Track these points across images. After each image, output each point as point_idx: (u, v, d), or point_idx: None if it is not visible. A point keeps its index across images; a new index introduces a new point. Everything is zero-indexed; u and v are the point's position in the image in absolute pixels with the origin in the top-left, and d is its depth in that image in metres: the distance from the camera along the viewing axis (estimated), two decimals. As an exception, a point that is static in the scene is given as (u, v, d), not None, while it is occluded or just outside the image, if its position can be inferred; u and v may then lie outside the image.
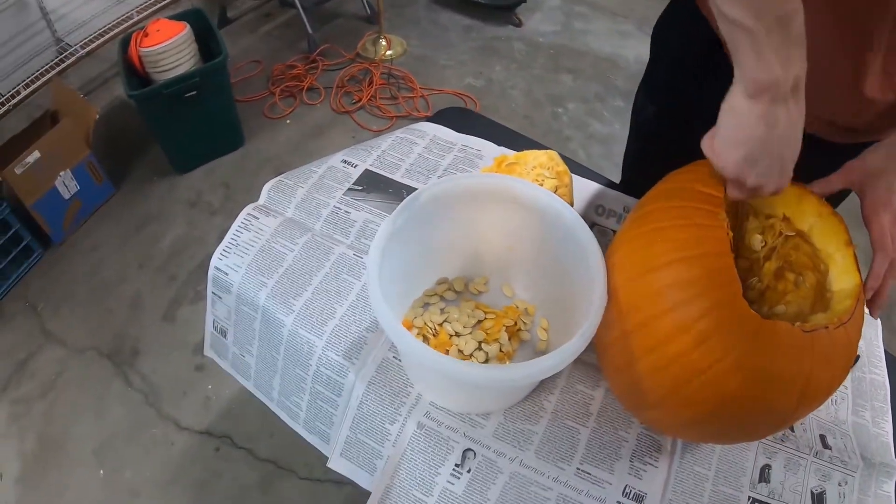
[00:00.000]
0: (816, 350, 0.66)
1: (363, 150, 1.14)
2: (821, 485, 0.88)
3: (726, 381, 0.65)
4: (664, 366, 0.69)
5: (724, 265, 0.67)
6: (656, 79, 1.15)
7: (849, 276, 0.77)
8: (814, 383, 0.67)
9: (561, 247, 0.80)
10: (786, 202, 0.82)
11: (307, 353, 0.88)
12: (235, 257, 0.96)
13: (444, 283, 0.92)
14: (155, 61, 2.26)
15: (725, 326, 0.65)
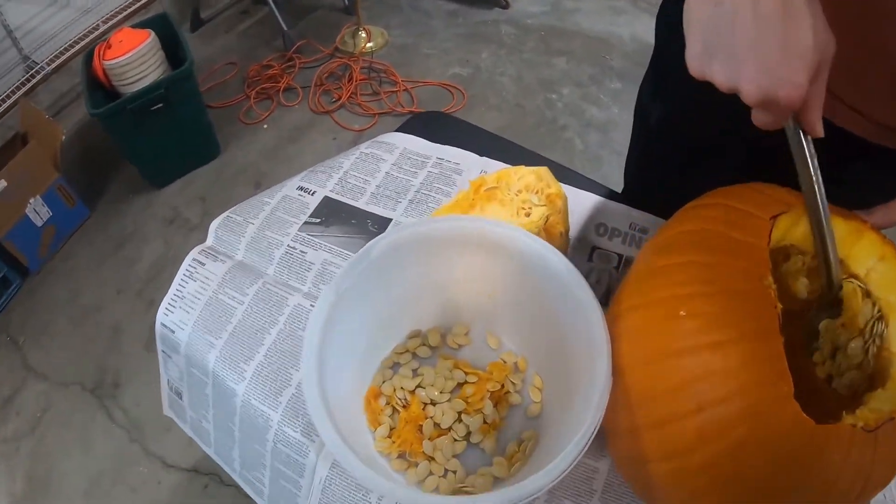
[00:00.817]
0: (880, 447, 0.54)
1: (323, 172, 1.00)
2: None
3: (763, 496, 0.53)
4: (687, 475, 0.56)
5: (770, 353, 0.52)
6: (665, 71, 0.98)
7: None
8: (875, 480, 0.55)
9: (550, 296, 0.68)
10: (841, 240, 0.64)
11: (263, 426, 0.76)
12: (181, 312, 0.85)
13: (416, 337, 0.79)
14: (120, 74, 2.17)
15: (769, 436, 0.51)
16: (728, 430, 0.51)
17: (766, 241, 0.57)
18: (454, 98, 2.85)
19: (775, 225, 0.59)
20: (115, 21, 2.72)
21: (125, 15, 2.76)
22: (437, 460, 0.69)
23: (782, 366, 0.51)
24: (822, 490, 0.52)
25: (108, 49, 2.16)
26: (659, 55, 0.98)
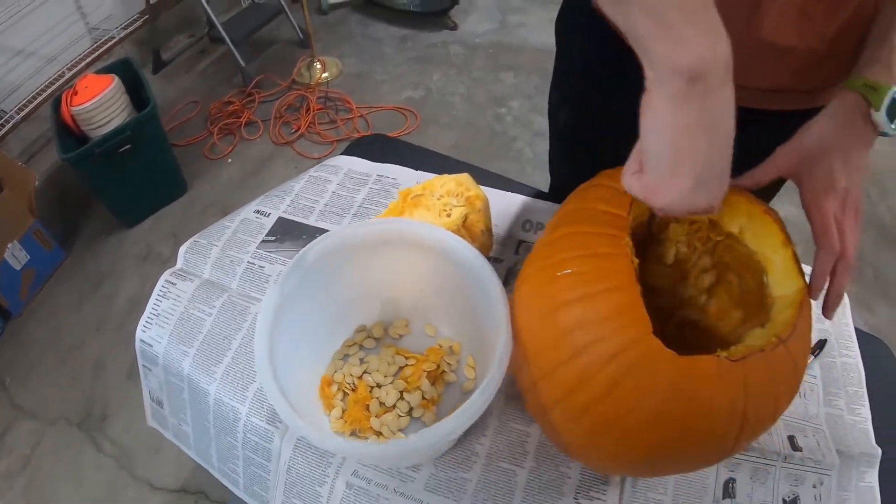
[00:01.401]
0: (751, 379, 0.58)
1: (276, 196, 1.11)
2: (793, 491, 0.83)
3: (647, 430, 0.58)
4: (576, 417, 0.62)
5: (629, 300, 0.59)
6: (566, 73, 1.07)
7: (789, 280, 0.69)
8: (754, 413, 0.59)
9: (467, 285, 0.77)
10: None
11: (233, 420, 0.86)
12: (157, 328, 0.94)
13: (362, 332, 0.89)
14: (87, 119, 2.24)
15: (636, 370, 0.57)
16: (600, 370, 0.58)
17: (627, 210, 0.65)
18: (408, 120, 2.94)
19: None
20: (80, 68, 2.77)
21: (88, 61, 2.81)
22: (384, 434, 0.79)
23: (640, 308, 0.58)
24: (700, 424, 0.57)
25: (74, 95, 2.23)
26: (560, 62, 1.07)
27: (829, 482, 0.84)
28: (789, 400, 0.64)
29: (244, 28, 3.13)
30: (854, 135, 0.71)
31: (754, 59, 0.82)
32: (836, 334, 1.02)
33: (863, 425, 0.91)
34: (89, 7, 2.87)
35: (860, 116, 0.71)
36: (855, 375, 0.97)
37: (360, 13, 3.73)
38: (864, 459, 0.87)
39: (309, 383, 0.82)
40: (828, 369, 0.97)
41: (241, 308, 0.94)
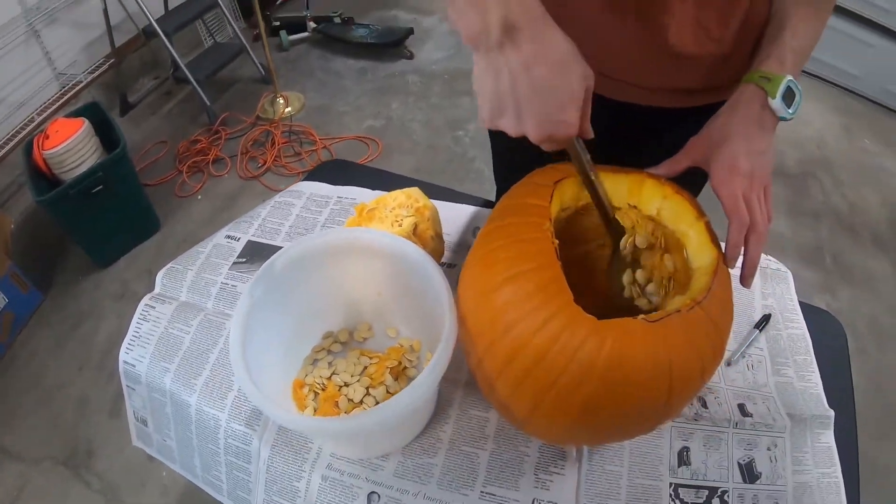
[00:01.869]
0: (670, 339, 0.64)
1: (245, 221, 1.18)
2: (748, 454, 0.88)
3: (579, 390, 0.63)
4: (517, 384, 0.68)
5: (551, 276, 0.66)
6: None
7: (705, 250, 0.76)
8: (679, 371, 0.65)
9: (418, 285, 0.83)
10: (628, 191, 0.82)
11: (214, 427, 0.91)
12: (139, 349, 0.99)
13: (329, 337, 0.96)
14: (59, 162, 2.28)
15: (562, 336, 0.63)
16: (530, 339, 0.64)
17: (548, 200, 0.74)
18: (370, 149, 3.01)
19: (559, 188, 0.77)
20: (49, 112, 2.81)
21: (58, 106, 2.86)
22: (353, 428, 0.86)
23: (561, 282, 0.66)
24: (627, 380, 0.63)
25: (46, 139, 2.26)
26: None
27: (782, 444, 0.90)
28: (715, 357, 0.70)
29: (207, 68, 3.18)
30: (754, 123, 0.80)
31: (664, 63, 0.92)
32: (780, 308, 1.09)
33: (814, 390, 0.98)
34: (56, 53, 2.92)
35: (759, 106, 0.80)
36: (802, 345, 1.04)
37: (319, 48, 3.81)
38: (818, 421, 0.93)
39: (283, 386, 0.89)
40: (774, 341, 1.04)
41: (217, 324, 1.00)
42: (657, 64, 0.93)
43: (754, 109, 0.80)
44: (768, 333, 1.05)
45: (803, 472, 0.89)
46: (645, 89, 0.98)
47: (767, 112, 0.80)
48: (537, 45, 0.63)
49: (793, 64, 0.82)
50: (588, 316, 0.64)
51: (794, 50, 0.82)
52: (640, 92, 0.98)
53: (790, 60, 0.82)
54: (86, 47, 3.10)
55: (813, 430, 0.92)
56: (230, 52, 3.33)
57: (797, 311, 1.10)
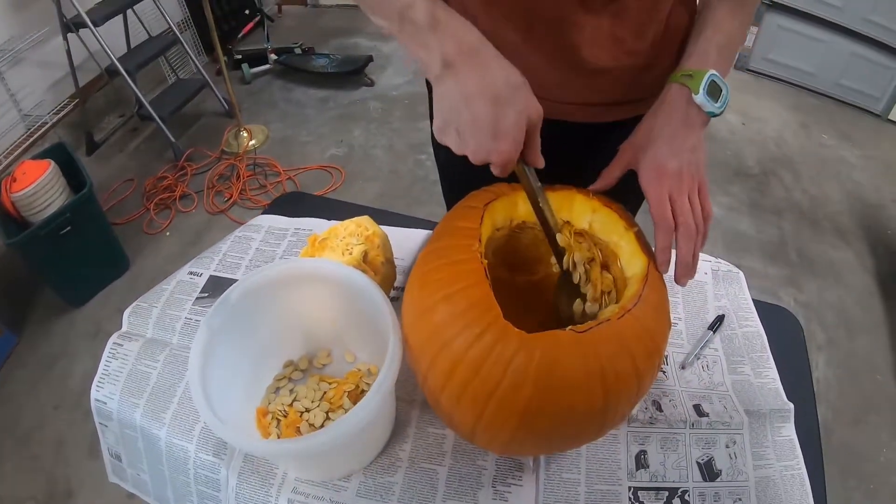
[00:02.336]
0: (601, 347, 0.67)
1: (207, 257, 1.21)
2: (706, 453, 0.90)
3: (515, 399, 0.66)
4: (459, 397, 0.70)
5: (481, 293, 0.69)
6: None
7: (636, 259, 0.79)
8: (613, 377, 0.67)
9: (369, 310, 0.85)
10: (559, 207, 0.84)
11: (183, 459, 0.92)
12: (110, 386, 1.01)
13: (290, 366, 0.98)
14: (27, 204, 2.28)
15: (494, 349, 0.66)
16: (465, 353, 0.67)
17: (479, 222, 0.77)
18: (333, 177, 3.05)
19: (489, 209, 0.80)
20: (16, 154, 2.82)
21: (24, 148, 2.87)
22: (315, 450, 0.88)
23: (491, 299, 0.69)
24: (561, 386, 0.66)
25: (13, 182, 2.27)
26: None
27: (741, 440, 0.91)
28: (652, 360, 0.72)
29: (171, 104, 3.20)
30: (679, 121, 0.82)
31: (582, 79, 0.96)
32: (734, 308, 1.12)
33: (771, 385, 1.00)
34: (21, 94, 2.92)
35: (684, 103, 0.82)
36: (758, 342, 1.07)
37: (281, 79, 3.84)
38: (777, 415, 0.95)
39: (246, 416, 0.91)
40: (729, 341, 1.06)
41: (182, 359, 1.02)
42: (576, 80, 0.97)
43: (679, 108, 0.82)
44: (723, 333, 1.07)
45: (765, 466, 0.90)
46: (570, 105, 1.01)
47: (693, 109, 0.82)
48: (477, 78, 0.69)
49: (717, 59, 0.84)
50: (517, 330, 0.67)
51: (718, 45, 0.85)
52: (567, 108, 1.01)
53: (714, 55, 0.84)
54: (50, 87, 3.12)
55: (773, 425, 0.94)
56: (193, 88, 3.36)
57: (751, 310, 1.12)
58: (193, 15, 3.87)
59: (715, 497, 0.87)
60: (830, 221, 3.06)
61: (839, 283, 2.74)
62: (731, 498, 0.87)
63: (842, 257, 2.87)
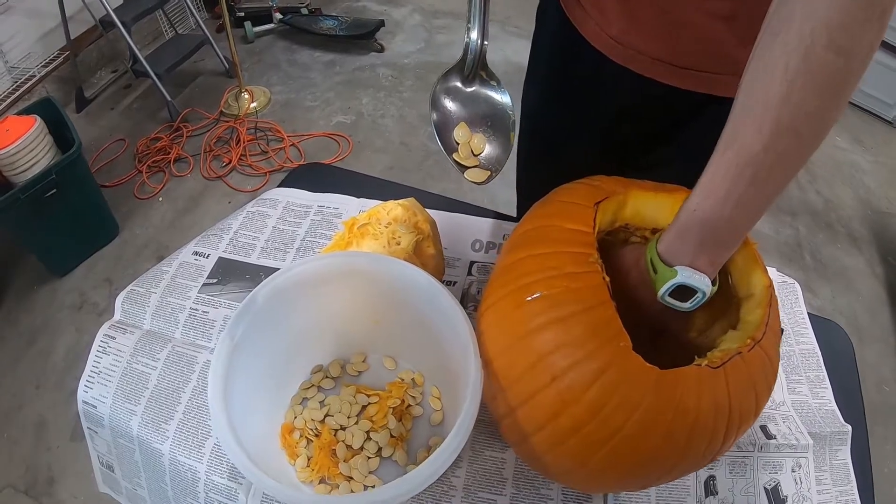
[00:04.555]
0: (732, 381, 0.60)
1: (214, 235, 1.07)
2: (773, 478, 0.85)
3: (637, 446, 0.58)
4: (561, 441, 0.61)
5: (605, 317, 0.59)
6: (536, 59, 1.12)
7: (754, 278, 0.69)
8: (738, 413, 0.61)
9: (426, 312, 0.75)
10: (671, 212, 0.70)
11: (192, 480, 0.81)
12: (100, 387, 0.89)
13: (319, 372, 0.86)
14: (10, 163, 2.15)
15: (620, 389, 0.57)
16: (582, 392, 0.58)
17: (592, 225, 0.65)
18: (340, 146, 2.93)
19: (599, 210, 0.68)
20: (1, 108, 2.70)
21: (8, 103, 2.75)
22: (355, 479, 0.76)
23: (617, 326, 0.58)
24: (689, 433, 0.58)
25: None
26: (533, 50, 1.13)
27: (806, 464, 0.87)
28: (769, 394, 0.65)
29: (168, 60, 3.08)
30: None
31: (664, 29, 0.85)
32: (791, 323, 1.04)
33: (828, 406, 0.95)
34: (8, 45, 2.82)
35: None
36: (814, 360, 1.00)
37: (285, 40, 3.72)
38: (837, 438, 0.90)
39: (269, 432, 0.79)
40: (787, 358, 0.99)
41: (189, 358, 0.89)
42: (661, 31, 0.86)
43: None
44: (782, 350, 0.98)
45: (824, 491, 0.86)
46: (658, 62, 0.91)
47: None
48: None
49: (698, 243, 0.63)
50: (649, 366, 0.57)
51: (702, 221, 0.61)
52: (655, 65, 0.91)
53: (695, 236, 0.63)
54: (40, 39, 3.00)
55: (832, 448, 0.90)
56: (192, 45, 3.23)
57: (807, 325, 1.05)
58: (195, -33, 3.74)
59: None
60: (843, 226, 3.08)
61: (850, 290, 2.75)
62: None
63: (853, 263, 2.88)
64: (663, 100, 0.92)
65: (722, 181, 0.59)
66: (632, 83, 0.92)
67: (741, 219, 0.61)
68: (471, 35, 0.85)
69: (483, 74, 0.88)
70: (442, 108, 0.87)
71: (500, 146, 0.86)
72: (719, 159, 0.59)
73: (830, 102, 0.55)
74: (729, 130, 0.59)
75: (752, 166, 0.57)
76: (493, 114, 0.88)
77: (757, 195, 0.59)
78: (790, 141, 0.56)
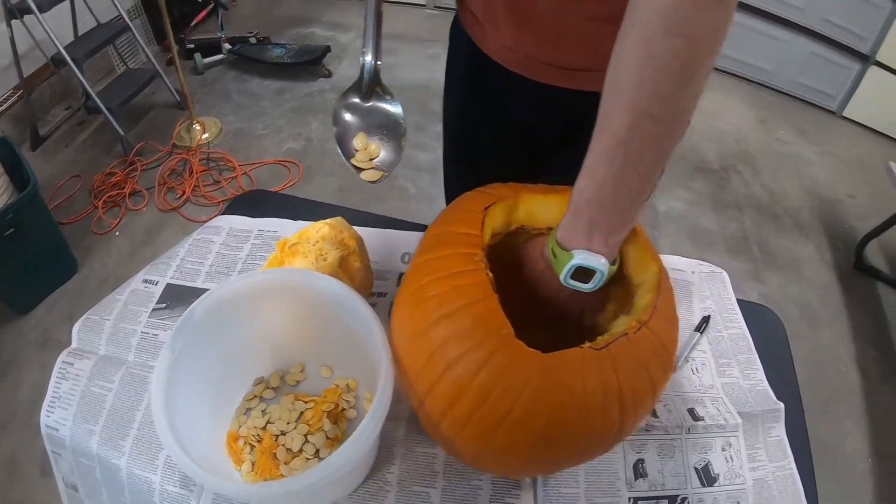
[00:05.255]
0: (619, 362, 0.63)
1: (163, 263, 1.12)
2: (703, 458, 0.89)
3: (530, 426, 0.62)
4: (462, 427, 0.65)
5: (488, 309, 0.63)
6: (450, 75, 1.22)
7: (646, 264, 0.74)
8: (630, 392, 0.64)
9: (350, 322, 0.79)
10: (560, 211, 0.74)
11: (148, 491, 0.85)
12: (61, 411, 0.94)
13: (261, 384, 0.91)
14: None
15: (506, 374, 0.61)
16: (472, 379, 0.62)
17: (480, 228, 0.71)
18: (291, 172, 2.97)
19: (490, 214, 0.74)
20: None
21: None
22: (296, 479, 0.82)
23: (500, 316, 0.63)
24: (578, 410, 0.61)
25: None
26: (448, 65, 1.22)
27: (736, 443, 0.91)
28: (665, 373, 0.69)
29: (120, 95, 3.09)
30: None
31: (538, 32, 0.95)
32: (719, 309, 1.10)
33: (760, 387, 0.99)
34: None
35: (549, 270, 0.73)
36: (744, 344, 1.05)
37: (235, 70, 3.75)
38: (769, 415, 0.95)
39: (216, 441, 0.84)
40: (716, 343, 1.05)
41: (141, 378, 0.94)
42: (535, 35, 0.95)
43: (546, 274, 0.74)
44: (710, 335, 1.06)
45: (759, 468, 0.90)
46: (544, 65, 0.99)
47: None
48: None
49: (588, 226, 0.67)
50: (532, 351, 0.62)
51: (588, 201, 0.66)
52: (541, 68, 1.00)
53: (586, 217, 0.67)
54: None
55: (764, 425, 0.94)
56: (143, 78, 3.25)
57: (736, 311, 1.11)
58: (144, 1, 3.75)
59: (714, 502, 0.86)
60: (790, 216, 3.14)
61: (801, 277, 2.81)
62: (729, 502, 0.86)
63: (802, 251, 2.95)
64: (562, 102, 1.00)
65: (599, 164, 0.64)
66: (533, 91, 1.01)
67: (623, 199, 0.65)
68: (366, 57, 0.97)
69: (378, 90, 0.98)
70: (342, 121, 0.97)
71: (393, 151, 0.98)
72: (596, 144, 0.64)
73: (683, 85, 0.59)
74: (601, 117, 0.63)
75: (622, 148, 0.62)
76: (387, 124, 0.98)
77: (632, 176, 0.63)
78: (650, 124, 0.60)
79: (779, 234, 3.01)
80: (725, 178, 3.31)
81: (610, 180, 0.64)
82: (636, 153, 0.62)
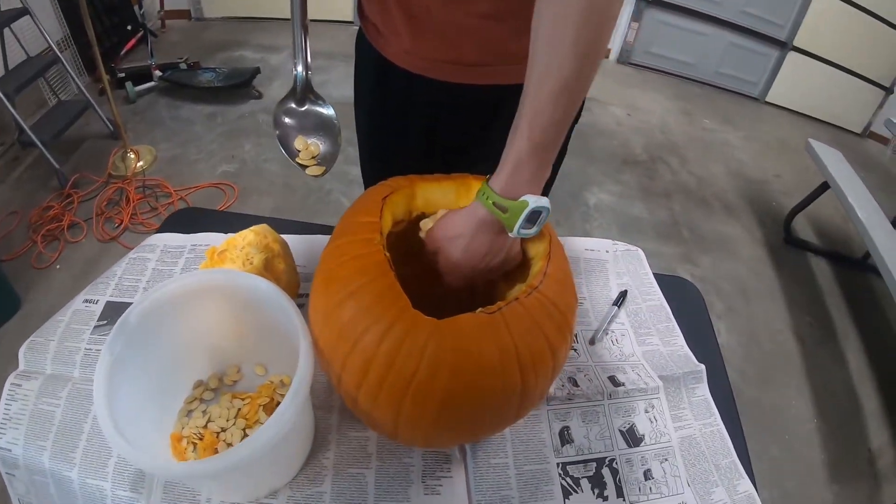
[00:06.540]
0: (513, 324, 0.68)
1: (102, 283, 1.16)
2: (627, 420, 0.94)
3: (433, 388, 0.66)
4: (375, 396, 0.70)
5: (387, 285, 0.69)
6: (359, 84, 1.30)
7: (537, 238, 0.81)
8: (528, 354, 0.69)
9: (276, 319, 0.82)
10: (456, 195, 0.86)
11: (100, 498, 0.88)
12: (13, 431, 0.95)
13: (200, 386, 0.95)
14: None
15: (405, 340, 0.66)
16: (377, 349, 0.67)
17: (378, 215, 0.77)
18: (226, 194, 2.99)
19: (389, 202, 0.81)
20: None
21: None
22: (236, 472, 0.85)
23: (397, 290, 0.70)
24: (477, 370, 0.66)
25: None
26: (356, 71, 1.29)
27: (659, 404, 0.97)
28: (563, 335, 0.74)
29: (54, 128, 3.08)
30: (475, 229, 0.79)
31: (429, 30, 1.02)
32: (636, 284, 1.17)
33: (681, 352, 1.06)
34: None
35: (488, 220, 0.78)
36: (663, 314, 1.12)
37: (167, 97, 3.75)
38: (691, 377, 1.02)
39: (160, 443, 0.87)
40: (634, 315, 1.11)
41: (87, 393, 0.98)
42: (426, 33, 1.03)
43: (483, 224, 0.79)
44: (628, 308, 1.12)
45: (685, 426, 0.96)
46: (441, 62, 1.07)
47: (503, 236, 0.79)
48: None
49: (534, 170, 0.75)
50: (427, 318, 0.68)
51: (534, 145, 0.73)
52: (441, 67, 1.08)
53: (531, 166, 0.75)
54: None
55: (687, 386, 1.00)
56: (76, 110, 3.25)
57: (653, 284, 1.18)
58: (73, 32, 3.72)
59: (642, 461, 0.92)
60: (718, 199, 3.26)
61: (732, 255, 2.92)
62: (657, 460, 0.92)
63: (731, 231, 3.07)
64: (463, 98, 1.08)
65: (545, 108, 0.71)
66: (435, 90, 1.08)
67: (559, 140, 0.74)
68: (297, 69, 1.08)
69: (311, 96, 1.08)
70: (282, 125, 1.07)
71: (331, 146, 1.08)
72: (538, 92, 0.71)
73: (611, 19, 0.68)
74: (541, 69, 0.71)
75: (566, 91, 0.70)
76: (322, 124, 1.09)
77: (570, 115, 0.73)
78: (590, 66, 0.70)
79: (708, 218, 3.12)
80: (653, 169, 3.41)
81: (555, 123, 0.72)
82: (578, 94, 0.72)
